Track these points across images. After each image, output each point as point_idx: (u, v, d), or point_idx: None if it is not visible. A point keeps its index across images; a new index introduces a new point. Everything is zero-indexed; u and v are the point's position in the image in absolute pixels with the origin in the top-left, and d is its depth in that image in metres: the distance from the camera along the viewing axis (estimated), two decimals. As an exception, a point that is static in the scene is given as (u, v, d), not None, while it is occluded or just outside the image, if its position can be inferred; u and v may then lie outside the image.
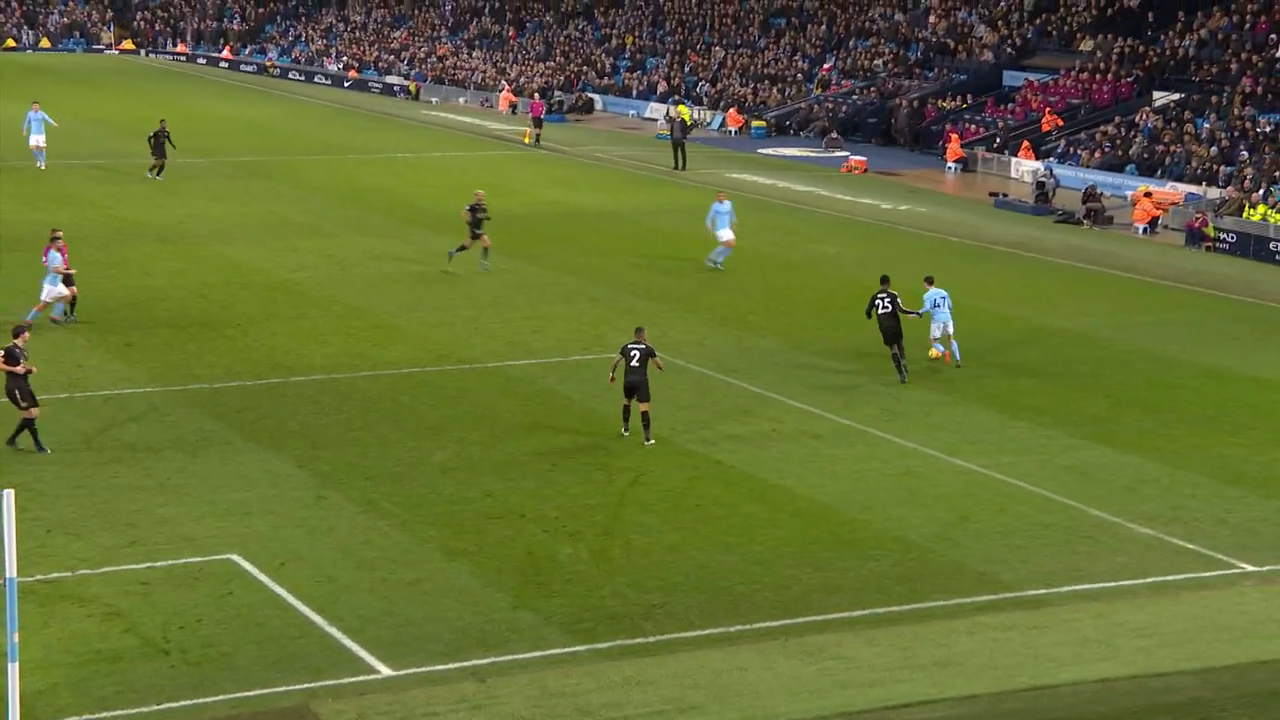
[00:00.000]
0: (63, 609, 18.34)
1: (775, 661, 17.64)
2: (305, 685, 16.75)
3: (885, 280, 29.88)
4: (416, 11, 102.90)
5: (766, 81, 75.96)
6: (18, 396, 23.92)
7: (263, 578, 19.49)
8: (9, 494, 14.18)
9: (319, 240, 42.13)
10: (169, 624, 18.06)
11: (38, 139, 50.80)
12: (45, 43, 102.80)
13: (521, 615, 18.69)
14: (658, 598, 19.29)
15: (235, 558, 20.09)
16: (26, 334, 25.00)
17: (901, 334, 29.08)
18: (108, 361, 29.24)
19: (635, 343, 25.49)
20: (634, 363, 25.20)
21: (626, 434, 25.58)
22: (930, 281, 30.67)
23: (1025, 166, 58.09)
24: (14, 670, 13.88)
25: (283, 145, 61.72)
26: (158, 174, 49.78)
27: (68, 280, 32.39)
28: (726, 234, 39.16)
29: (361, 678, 17.02)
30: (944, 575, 20.31)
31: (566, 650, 17.83)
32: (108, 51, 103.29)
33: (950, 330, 30.24)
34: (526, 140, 64.53)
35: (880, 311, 29.06)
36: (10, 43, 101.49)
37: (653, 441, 25.27)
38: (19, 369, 23.96)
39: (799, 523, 22.09)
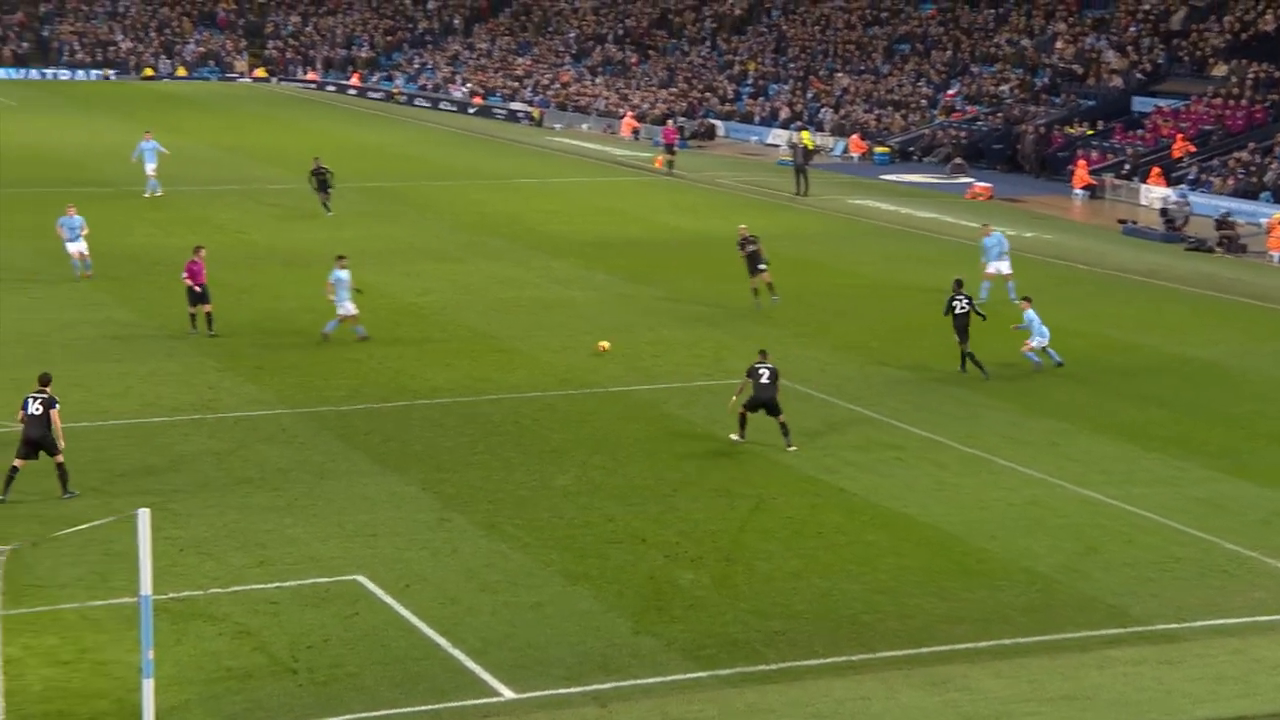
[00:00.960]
0: (195, 627, 18.66)
1: (899, 691, 17.45)
2: (429, 707, 16.88)
3: (960, 284, 31.90)
4: (541, 39, 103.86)
5: (890, 107, 75.59)
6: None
7: (388, 599, 19.69)
8: (144, 513, 14.48)
9: (443, 265, 42.59)
10: (297, 643, 18.29)
11: (150, 167, 51.80)
12: (181, 71, 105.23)
13: (643, 640, 18.69)
14: (780, 625, 19.19)
15: (361, 579, 20.31)
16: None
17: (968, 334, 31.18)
18: (239, 384, 29.77)
19: (762, 363, 26.01)
20: (764, 379, 25.78)
21: (740, 440, 26.00)
22: (1028, 301, 32.02)
23: (1155, 193, 57.16)
24: (149, 686, 14.16)
25: (408, 171, 62.54)
26: (327, 209, 49.44)
27: (205, 297, 33.13)
28: (999, 266, 38.62)
29: (484, 700, 17.11)
30: (1072, 607, 19.98)
31: (688, 676, 17.79)
32: (241, 80, 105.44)
33: (1046, 341, 31.66)
34: (659, 165, 64.60)
35: (958, 311, 31.28)
36: (149, 72, 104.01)
37: (795, 448, 25.80)
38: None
39: (923, 551, 21.86)
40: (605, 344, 32.64)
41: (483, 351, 32.91)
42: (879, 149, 70.66)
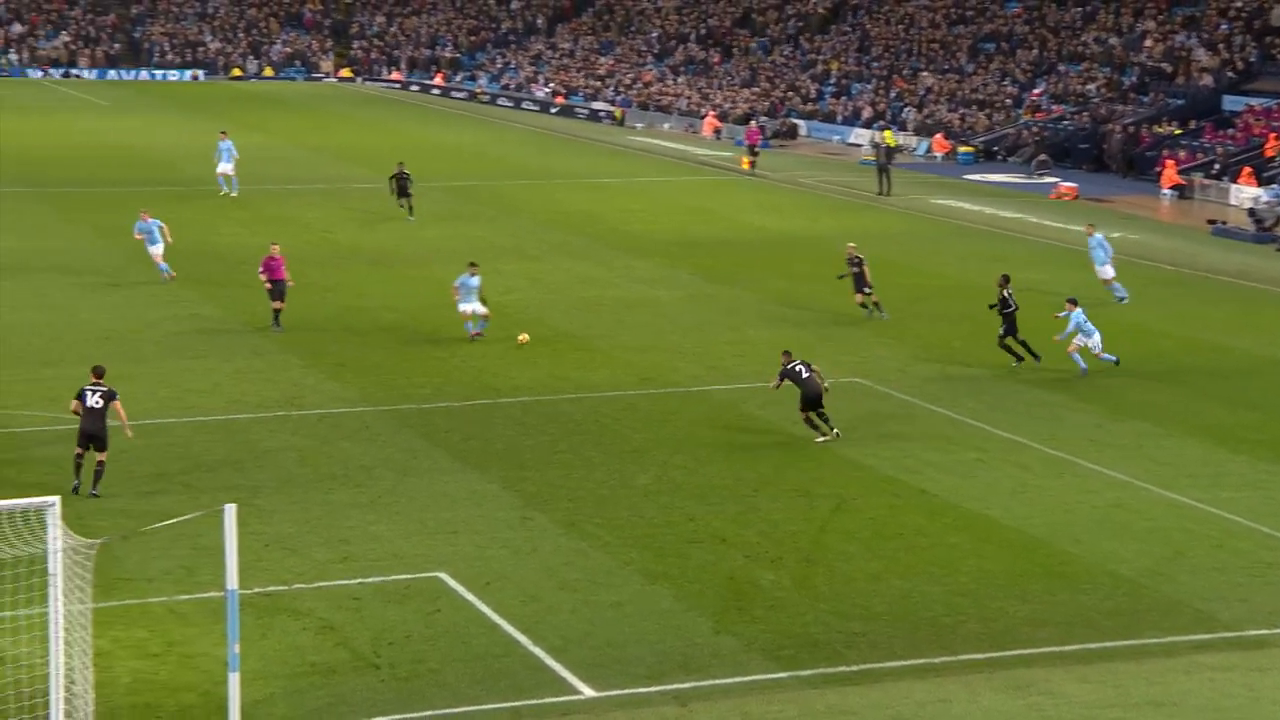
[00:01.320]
0: (279, 622, 18.88)
1: (981, 695, 17.34)
2: (510, 704, 16.97)
3: (1007, 279, 32.04)
4: (623, 38, 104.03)
5: (974, 106, 75.02)
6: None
7: (469, 596, 19.82)
8: (231, 509, 14.65)
9: (525, 264, 42.77)
10: (379, 639, 18.46)
11: (225, 167, 52.29)
12: (268, 71, 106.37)
13: (723, 640, 18.69)
14: (860, 626, 19.12)
15: (443, 576, 20.46)
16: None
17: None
18: (322, 381, 30.06)
19: (794, 361, 26.56)
20: (805, 376, 26.34)
21: (826, 439, 26.28)
22: (1074, 303, 31.21)
23: (1246, 193, 56.31)
24: (234, 680, 14.34)
25: (490, 170, 62.87)
26: (409, 214, 48.52)
27: (279, 293, 33.51)
28: (1106, 270, 38.39)
29: (564, 698, 17.19)
30: (1158, 611, 19.75)
31: (768, 676, 17.77)
32: (326, 80, 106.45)
33: (1095, 342, 30.94)
34: (745, 166, 64.37)
35: (1005, 310, 31.54)
36: (236, 72, 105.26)
37: (837, 430, 26.31)
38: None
39: (1005, 553, 21.70)
40: (525, 336, 32.86)
41: (564, 350, 33.02)
42: (963, 148, 70.15)
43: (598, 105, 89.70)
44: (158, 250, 38.57)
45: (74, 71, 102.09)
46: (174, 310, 35.70)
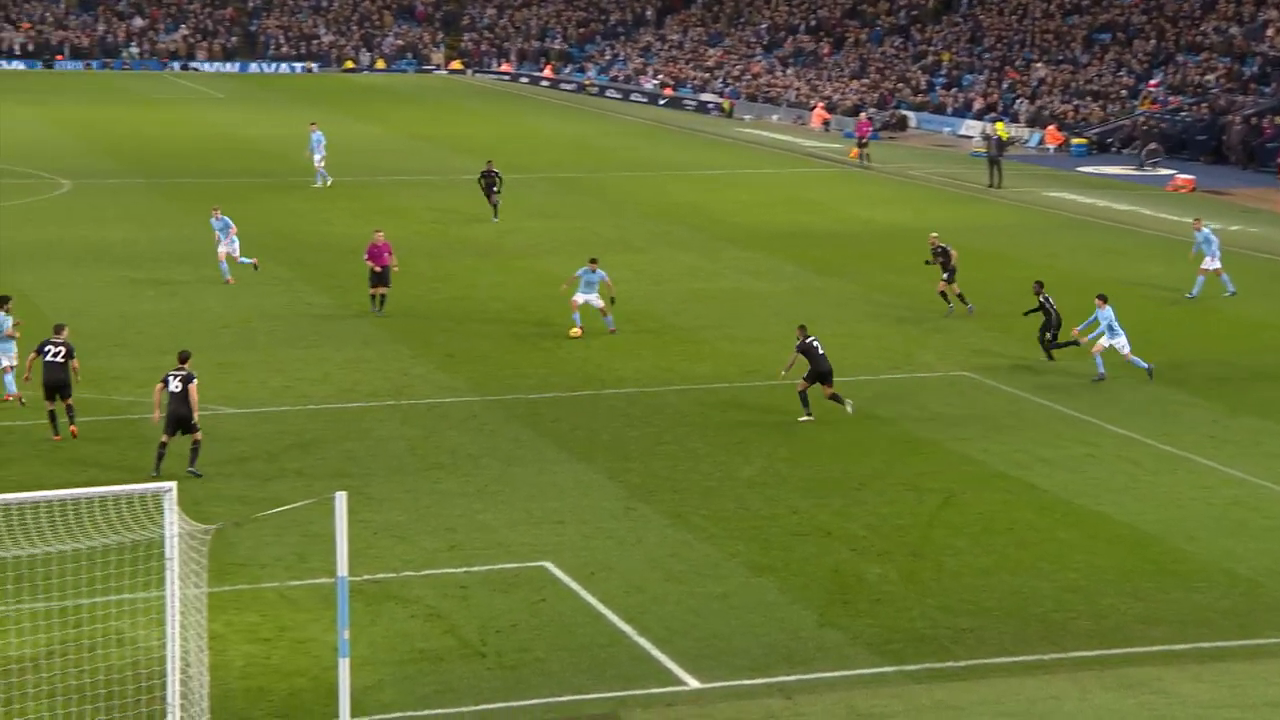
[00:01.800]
0: (388, 609, 19.10)
1: (1092, 693, 17.12)
2: (615, 693, 17.04)
3: (1042, 285, 31.69)
4: (732, 30, 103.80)
5: (1088, 98, 73.93)
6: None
7: (574, 586, 19.91)
8: (341, 496, 14.84)
9: (631, 255, 42.84)
10: (486, 627, 18.61)
11: (317, 158, 52.81)
12: (380, 64, 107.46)
13: (828, 633, 18.62)
14: (968, 622, 18.96)
15: (548, 565, 20.57)
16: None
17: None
18: (431, 371, 30.35)
19: (810, 337, 27.33)
20: (821, 352, 27.12)
21: (809, 418, 26.97)
22: (1104, 300, 30.02)
23: (1368, 184, 55.00)
24: (345, 665, 14.52)
25: (597, 162, 63.04)
26: (495, 215, 47.31)
27: (384, 279, 34.07)
28: (1212, 262, 37.79)
29: (669, 689, 17.22)
30: (1277, 611, 19.37)
31: (874, 671, 17.68)
32: (437, 71, 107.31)
33: (1123, 343, 29.72)
34: (853, 157, 63.94)
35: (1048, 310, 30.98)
36: (349, 64, 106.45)
37: (851, 404, 27.07)
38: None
39: (1117, 550, 21.40)
40: (578, 330, 32.61)
41: (670, 342, 33.04)
42: (1076, 140, 69.16)
43: (706, 97, 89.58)
44: (225, 249, 37.48)
45: (192, 64, 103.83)
46: (287, 300, 36.21)
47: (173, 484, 15.66)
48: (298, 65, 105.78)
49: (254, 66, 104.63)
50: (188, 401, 23.39)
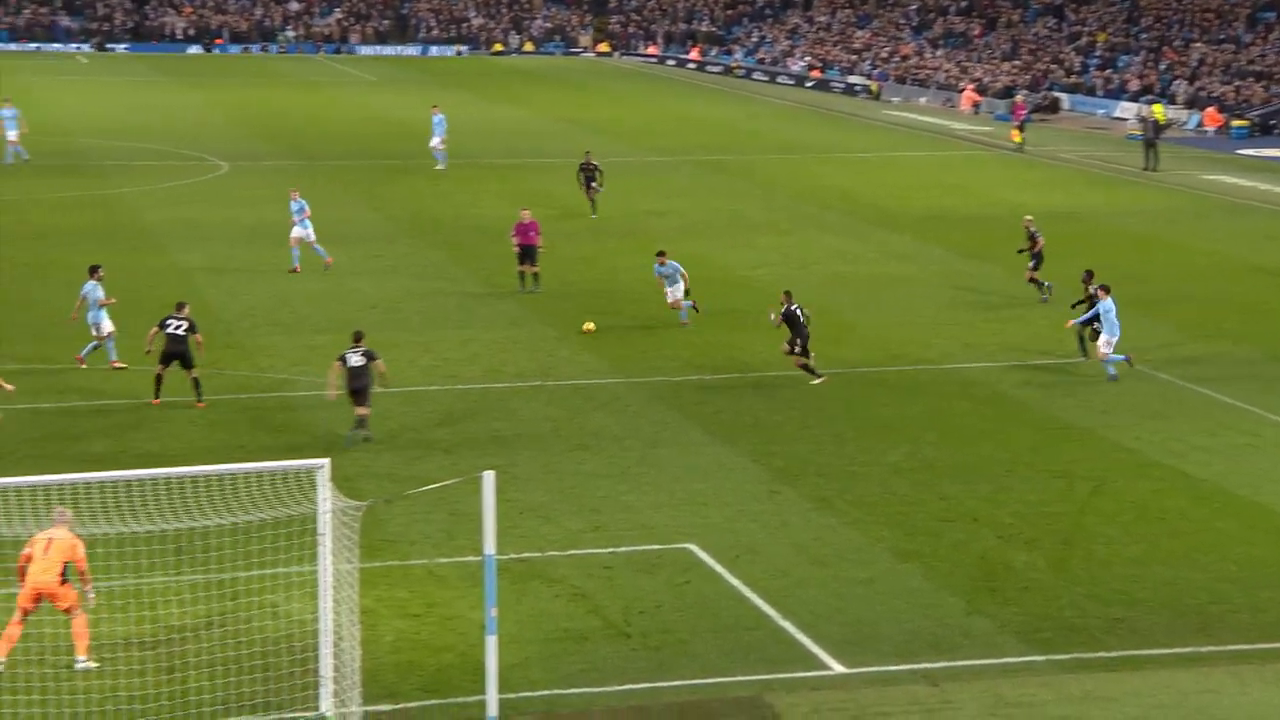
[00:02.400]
0: (533, 588, 19.26)
1: (1251, 687, 16.72)
2: (759, 677, 17.03)
3: (1091, 275, 30.01)
4: (881, 11, 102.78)
5: (1250, 78, 71.97)
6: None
7: (718, 568, 19.91)
8: (489, 476, 14.98)
9: (777, 238, 42.68)
10: (630, 608, 18.68)
11: (435, 140, 53.16)
12: (529, 46, 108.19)
13: (975, 621, 18.40)
14: (1120, 611, 18.62)
15: (692, 547, 20.59)
16: None
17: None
18: (577, 352, 30.52)
19: (797, 305, 28.05)
20: (803, 321, 27.84)
21: (823, 379, 27.74)
22: (1106, 290, 28.74)
23: None
24: (492, 643, 14.68)
25: (743, 144, 62.84)
26: (593, 211, 45.00)
27: (532, 257, 34.63)
28: None
29: (814, 673, 17.16)
30: None
31: (1022, 659, 17.45)
32: (584, 54, 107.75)
33: (1114, 338, 28.40)
34: (1016, 139, 62.57)
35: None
36: (498, 47, 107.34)
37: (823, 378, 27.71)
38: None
39: (1276, 541, 20.85)
40: (590, 325, 31.74)
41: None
42: (1237, 122, 67.39)
43: (854, 79, 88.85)
44: (299, 233, 36.75)
45: (345, 47, 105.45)
46: (436, 282, 36.64)
47: (326, 461, 15.95)
48: (448, 48, 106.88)
49: (406, 49, 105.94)
50: (366, 376, 24.32)
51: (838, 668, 17.23)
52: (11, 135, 51.16)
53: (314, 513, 15.95)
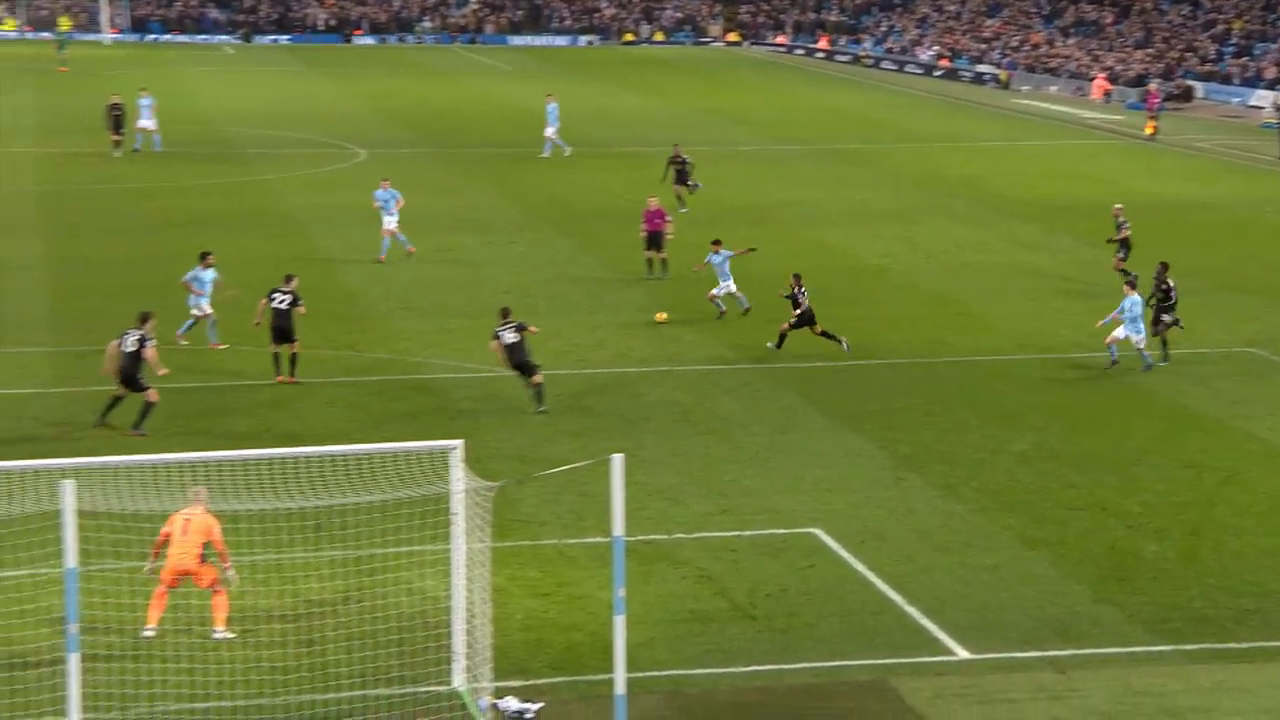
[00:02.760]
0: (660, 569, 19.33)
1: (1383, 682, 16.30)
2: (884, 660, 16.95)
3: (1166, 267, 29.03)
4: (1012, 0, 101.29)
5: (1388, 64, 69.89)
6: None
7: (843, 553, 19.83)
8: (619, 459, 15.04)
9: (904, 226, 42.31)
10: (755, 591, 18.68)
11: (550, 130, 53.16)
12: (659, 36, 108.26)
13: (1102, 609, 18.14)
14: (1251, 603, 18.24)
15: (817, 532, 20.53)
16: None
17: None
18: (704, 338, 30.53)
19: (800, 289, 28.76)
20: (803, 300, 28.64)
21: (774, 348, 28.46)
22: (1132, 286, 27.68)
23: None
24: (620, 623, 14.76)
25: (871, 133, 62.36)
26: (681, 205, 42.61)
27: (658, 243, 34.82)
28: None
29: (939, 658, 17.04)
30: None
31: (1150, 649, 17.17)
32: (714, 44, 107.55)
33: (1139, 336, 27.43)
34: (1150, 131, 61.22)
35: (1165, 302, 28.57)
36: (629, 36, 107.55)
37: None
38: None
39: None
40: (663, 315, 31.29)
41: (941, 314, 32.54)
42: (1377, 109, 65.49)
43: (983, 68, 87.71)
44: (392, 223, 36.20)
45: (480, 38, 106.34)
46: (565, 267, 36.84)
47: (460, 442, 16.13)
48: (580, 38, 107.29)
49: (538, 39, 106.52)
50: (525, 347, 25.24)
51: (963, 653, 17.09)
52: (147, 123, 52.13)
53: (448, 492, 16.14)
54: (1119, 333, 27.70)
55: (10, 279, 34.39)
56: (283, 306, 26.49)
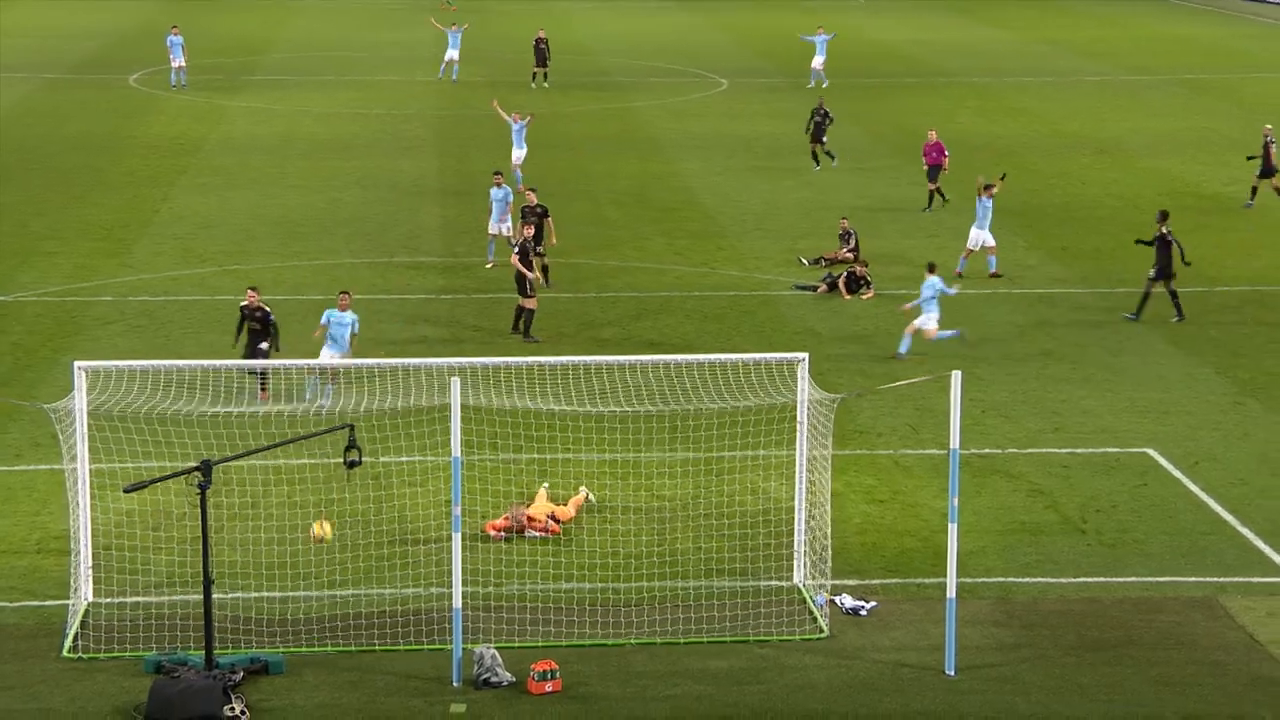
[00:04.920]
0: (992, 482, 18.97)
1: None
2: (1213, 579, 16.30)
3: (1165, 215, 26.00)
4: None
5: None
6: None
7: (1176, 473, 19.08)
8: (957, 375, 14.78)
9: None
10: (1086, 506, 18.16)
11: (818, 60, 51.55)
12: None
13: None
14: None
15: (1151, 452, 19.79)
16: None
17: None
18: (1045, 262, 29.59)
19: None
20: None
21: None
22: (931, 269, 24.02)
23: None
24: (953, 530, 14.62)
25: (1227, 64, 58.70)
26: (816, 163, 38.61)
27: (936, 177, 33.38)
28: None
29: (1271, 579, 16.24)
30: None
31: None
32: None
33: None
34: None
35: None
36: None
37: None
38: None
39: None
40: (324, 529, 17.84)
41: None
42: None
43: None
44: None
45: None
46: (910, 190, 36.08)
47: (805, 355, 16.15)
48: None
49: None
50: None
51: (1294, 574, 16.23)
52: (178, 61, 51.69)
53: (793, 402, 16.21)
54: (918, 321, 23.77)
55: (405, 199, 35.93)
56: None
